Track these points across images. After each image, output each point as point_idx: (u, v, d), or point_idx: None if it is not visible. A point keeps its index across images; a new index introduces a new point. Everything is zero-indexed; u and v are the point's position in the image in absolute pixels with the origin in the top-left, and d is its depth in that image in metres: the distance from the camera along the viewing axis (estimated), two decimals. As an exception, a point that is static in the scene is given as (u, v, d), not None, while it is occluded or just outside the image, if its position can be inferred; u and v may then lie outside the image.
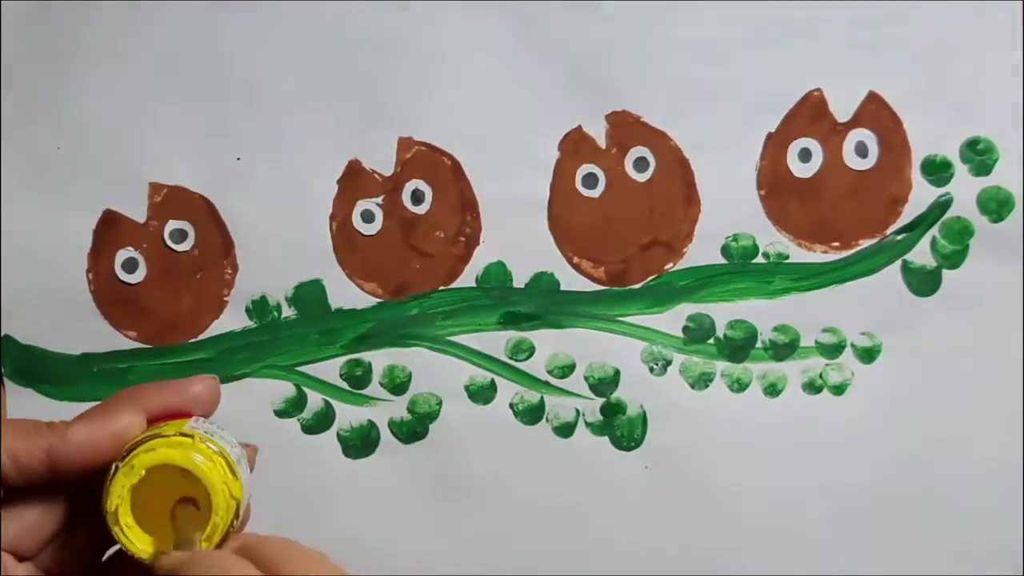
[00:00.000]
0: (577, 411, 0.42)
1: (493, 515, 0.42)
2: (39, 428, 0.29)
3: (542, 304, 0.42)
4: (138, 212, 0.42)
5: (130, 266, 0.42)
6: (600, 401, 0.42)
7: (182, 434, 0.29)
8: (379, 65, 0.42)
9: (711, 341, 0.42)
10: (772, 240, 0.42)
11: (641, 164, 0.42)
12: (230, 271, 0.42)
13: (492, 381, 0.42)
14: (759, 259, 0.42)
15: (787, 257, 0.42)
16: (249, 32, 0.42)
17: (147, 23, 0.42)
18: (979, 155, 0.41)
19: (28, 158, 0.42)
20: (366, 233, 0.42)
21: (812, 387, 0.42)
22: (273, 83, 0.42)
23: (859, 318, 0.41)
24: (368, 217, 0.42)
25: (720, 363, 0.42)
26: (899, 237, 0.41)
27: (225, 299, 0.42)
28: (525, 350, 0.42)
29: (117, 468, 0.28)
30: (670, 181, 0.42)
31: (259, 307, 0.42)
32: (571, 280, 0.42)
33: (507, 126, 0.42)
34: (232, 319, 0.42)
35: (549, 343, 0.42)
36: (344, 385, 0.42)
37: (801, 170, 0.42)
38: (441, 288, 0.42)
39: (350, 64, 0.42)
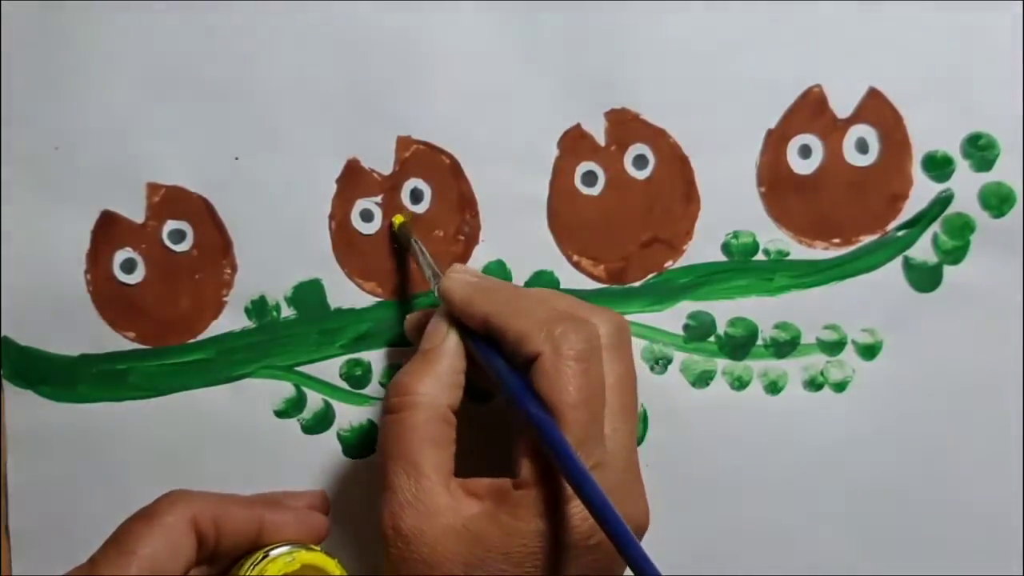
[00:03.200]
0: (578, 410, 0.42)
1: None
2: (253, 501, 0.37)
3: (542, 302, 0.42)
4: (136, 213, 0.42)
5: (128, 267, 0.42)
6: (601, 399, 0.42)
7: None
8: (377, 64, 0.42)
9: (712, 339, 0.42)
10: (772, 237, 0.42)
11: (640, 162, 0.42)
12: (229, 271, 0.42)
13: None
14: (759, 256, 0.41)
15: (788, 254, 0.41)
16: (247, 32, 0.42)
17: (145, 23, 0.42)
18: (980, 151, 0.41)
19: (26, 160, 0.42)
20: (365, 232, 0.42)
21: (813, 384, 0.42)
22: (271, 83, 0.42)
23: (860, 315, 0.41)
24: (367, 216, 0.42)
25: (721, 361, 0.42)
26: (900, 233, 0.41)
27: (224, 299, 0.42)
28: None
29: (268, 555, 0.35)
30: (670, 178, 0.42)
31: (258, 307, 0.42)
32: (571, 278, 0.42)
33: (506, 124, 0.41)
34: (231, 319, 0.42)
35: (549, 342, 0.42)
36: (344, 385, 0.42)
37: (801, 167, 0.41)
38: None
39: (348, 63, 0.42)
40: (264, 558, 0.35)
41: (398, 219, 0.41)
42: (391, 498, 0.34)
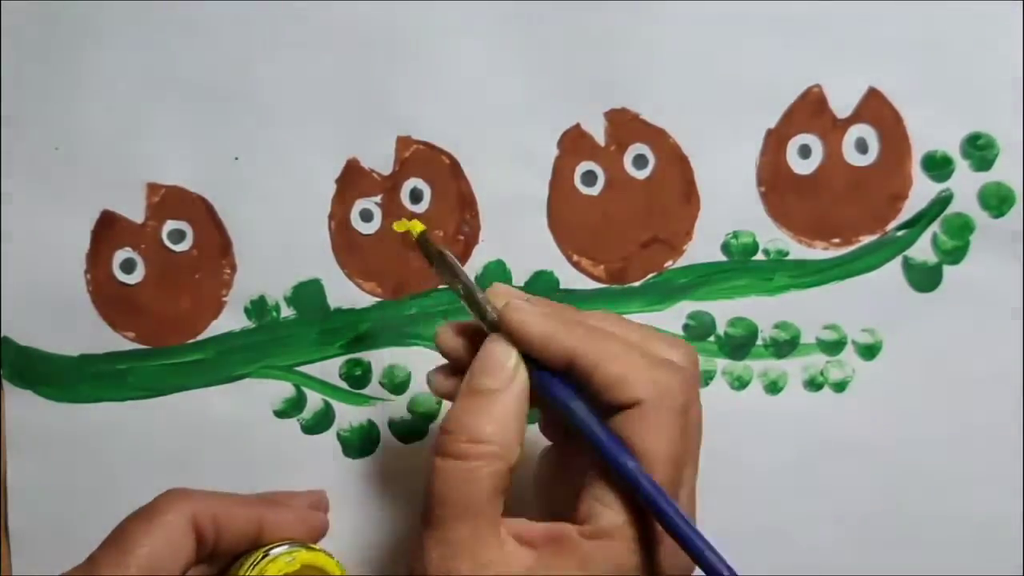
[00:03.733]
0: (577, 410, 0.42)
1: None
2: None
3: (542, 302, 0.42)
4: (136, 213, 0.42)
5: (128, 267, 0.42)
6: (600, 399, 0.42)
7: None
8: (377, 64, 0.42)
9: (711, 339, 0.42)
10: (772, 237, 0.41)
11: (640, 161, 0.42)
12: (228, 271, 0.42)
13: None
14: (759, 256, 0.41)
15: (787, 254, 0.41)
16: (247, 33, 0.42)
17: (145, 24, 0.42)
18: (980, 150, 0.41)
19: (27, 160, 0.42)
20: (365, 232, 0.42)
21: (813, 384, 0.42)
22: (271, 83, 0.42)
23: (860, 315, 0.41)
24: (367, 216, 0.42)
25: (721, 361, 0.42)
26: (900, 233, 0.41)
27: (224, 299, 0.42)
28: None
29: (267, 555, 0.36)
30: (669, 178, 0.42)
31: (258, 307, 0.42)
32: (571, 278, 0.42)
33: (506, 124, 0.41)
34: (231, 319, 0.42)
35: (549, 341, 0.42)
36: (344, 385, 0.42)
37: (801, 166, 0.41)
38: (441, 287, 0.42)
39: (348, 63, 0.42)
40: (264, 558, 0.35)
41: (416, 226, 0.36)
42: (442, 546, 0.30)
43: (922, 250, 0.41)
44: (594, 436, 0.31)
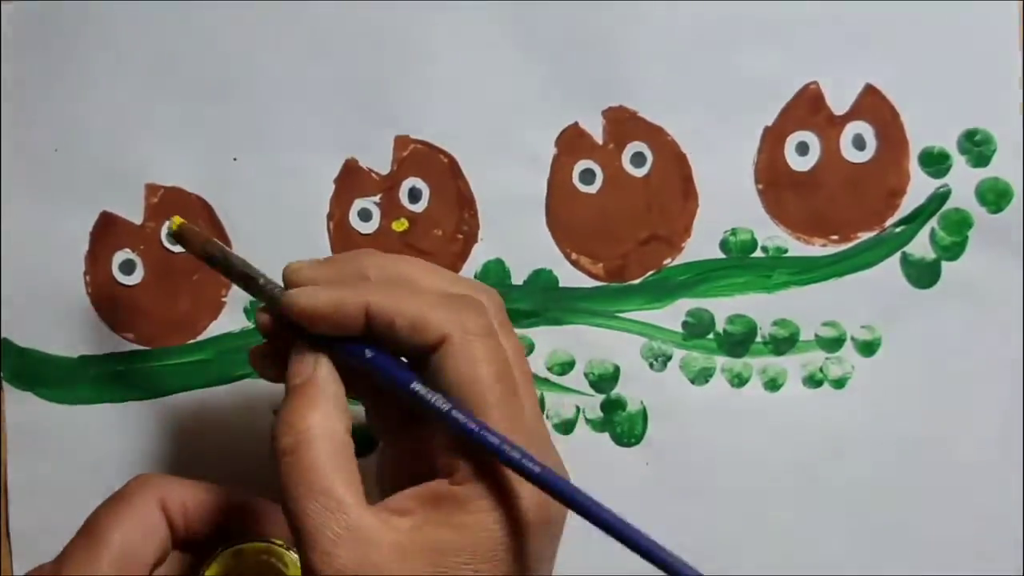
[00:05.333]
0: (577, 408, 0.42)
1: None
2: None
3: (541, 301, 0.42)
4: (135, 214, 0.42)
5: (127, 268, 0.42)
6: (600, 398, 0.42)
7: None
8: (375, 64, 0.42)
9: (711, 336, 0.42)
10: (770, 234, 0.42)
11: (638, 159, 0.42)
12: (228, 272, 0.42)
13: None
14: (758, 253, 0.42)
15: (786, 251, 0.41)
16: (244, 33, 0.42)
17: (142, 24, 0.42)
18: (977, 146, 0.41)
19: (25, 161, 0.42)
20: (364, 232, 0.42)
21: (812, 381, 0.42)
22: (269, 83, 0.42)
23: (859, 311, 0.41)
24: (365, 216, 0.42)
25: (720, 358, 0.42)
26: (898, 229, 0.41)
27: (223, 300, 0.42)
28: (524, 347, 0.42)
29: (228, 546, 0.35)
30: (668, 176, 0.42)
31: (256, 309, 0.42)
32: (570, 276, 0.42)
33: (504, 123, 0.42)
34: (230, 320, 0.42)
35: (548, 340, 0.42)
36: (343, 385, 0.42)
37: (799, 163, 0.42)
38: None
39: (346, 63, 0.42)
40: (224, 550, 0.35)
41: (176, 220, 0.35)
42: (315, 541, 0.30)
43: (920, 246, 0.41)
44: (407, 390, 0.31)
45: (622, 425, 0.42)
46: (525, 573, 0.31)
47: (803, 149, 0.41)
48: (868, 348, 0.41)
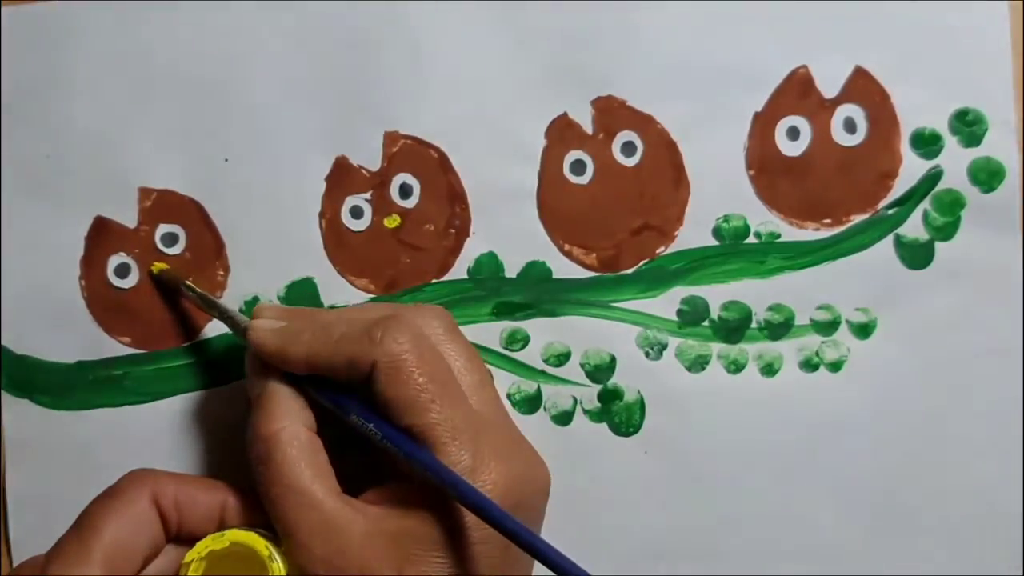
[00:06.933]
0: (574, 399, 0.42)
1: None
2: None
3: (535, 293, 0.42)
4: (129, 217, 0.42)
5: (122, 271, 0.42)
6: (597, 388, 0.42)
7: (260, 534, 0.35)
8: (362, 60, 0.42)
9: (706, 323, 0.42)
10: (763, 220, 0.41)
11: (629, 148, 0.42)
12: (222, 272, 0.42)
13: (488, 372, 0.42)
14: (751, 239, 0.41)
15: (779, 236, 0.41)
16: (231, 33, 0.42)
17: (131, 28, 0.42)
18: (968, 126, 0.41)
19: (18, 168, 0.42)
20: (356, 229, 0.42)
21: (809, 365, 0.41)
22: (257, 83, 0.42)
23: (853, 294, 0.41)
24: (357, 213, 0.42)
25: (715, 345, 0.42)
26: (891, 211, 0.41)
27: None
28: (519, 340, 0.42)
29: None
30: (658, 164, 0.42)
31: (252, 308, 0.42)
32: (563, 268, 0.42)
33: (492, 116, 0.41)
34: (225, 321, 0.42)
35: (544, 332, 0.42)
36: (340, 383, 0.42)
37: (790, 148, 0.41)
38: (433, 281, 0.42)
39: (333, 61, 0.42)
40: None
41: (157, 266, 0.42)
42: (294, 535, 0.33)
43: (913, 227, 0.41)
44: (360, 423, 0.34)
45: (620, 415, 0.42)
46: (495, 555, 0.33)
47: (794, 134, 0.41)
48: (863, 330, 0.41)
